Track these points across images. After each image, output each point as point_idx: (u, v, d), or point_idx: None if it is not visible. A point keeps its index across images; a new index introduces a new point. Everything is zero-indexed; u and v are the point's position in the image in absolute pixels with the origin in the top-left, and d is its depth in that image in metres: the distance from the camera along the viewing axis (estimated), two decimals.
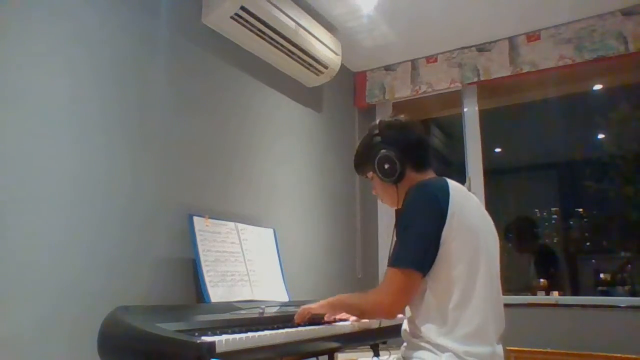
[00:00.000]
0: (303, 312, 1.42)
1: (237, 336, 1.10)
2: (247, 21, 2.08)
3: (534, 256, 3.61)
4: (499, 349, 1.23)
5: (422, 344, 1.20)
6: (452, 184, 1.27)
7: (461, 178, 2.95)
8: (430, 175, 1.40)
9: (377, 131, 1.42)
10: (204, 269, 1.64)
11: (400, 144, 1.37)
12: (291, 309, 1.50)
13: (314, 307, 1.42)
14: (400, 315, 1.28)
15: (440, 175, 1.35)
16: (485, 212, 1.35)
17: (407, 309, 1.27)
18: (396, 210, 1.33)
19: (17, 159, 1.34)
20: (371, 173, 1.44)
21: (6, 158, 1.31)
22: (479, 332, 1.16)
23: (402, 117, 1.44)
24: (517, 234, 3.70)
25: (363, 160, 1.46)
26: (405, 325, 1.30)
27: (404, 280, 1.18)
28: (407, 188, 1.33)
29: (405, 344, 1.29)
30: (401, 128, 1.42)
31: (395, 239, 1.24)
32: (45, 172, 1.40)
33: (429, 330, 1.18)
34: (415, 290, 1.20)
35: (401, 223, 1.22)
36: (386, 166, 1.36)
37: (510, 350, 2.42)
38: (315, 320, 1.48)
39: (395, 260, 1.20)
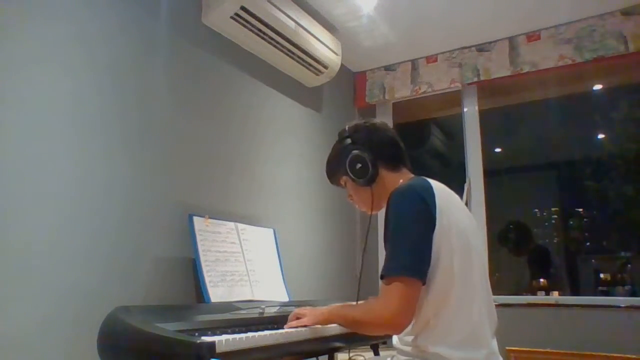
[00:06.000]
0: (294, 322, 1.34)
1: (237, 336, 1.10)
2: (247, 21, 2.08)
3: (530, 257, 3.62)
4: (494, 344, 1.19)
5: (416, 352, 1.16)
6: (435, 183, 1.22)
7: (461, 178, 2.95)
8: (406, 174, 1.34)
9: (347, 134, 1.38)
10: (204, 269, 1.64)
11: (371, 143, 1.33)
12: (291, 309, 1.50)
13: (307, 320, 1.32)
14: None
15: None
16: (467, 209, 1.30)
17: None
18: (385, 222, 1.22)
19: (17, 159, 1.34)
20: (344, 178, 1.39)
21: (5, 158, 1.31)
22: (476, 335, 1.13)
23: (371, 119, 1.42)
24: (514, 235, 3.71)
25: (335, 165, 1.41)
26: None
27: (404, 289, 1.09)
28: (382, 190, 1.29)
29: (395, 353, 1.25)
30: (371, 128, 1.38)
31: (386, 250, 1.16)
32: (45, 172, 1.40)
33: (422, 338, 1.14)
34: (417, 299, 1.11)
35: (391, 230, 1.15)
36: (358, 166, 1.32)
37: (510, 350, 2.43)
38: None
39: (392, 269, 1.11)
